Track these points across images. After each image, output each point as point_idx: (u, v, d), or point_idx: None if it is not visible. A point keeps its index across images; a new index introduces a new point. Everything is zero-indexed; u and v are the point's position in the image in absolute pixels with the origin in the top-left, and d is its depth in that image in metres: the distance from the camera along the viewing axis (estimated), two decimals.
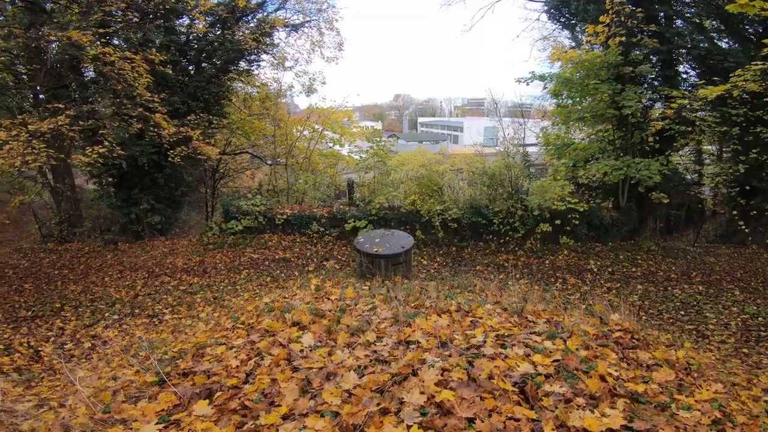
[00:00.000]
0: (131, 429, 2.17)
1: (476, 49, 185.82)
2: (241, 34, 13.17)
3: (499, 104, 17.62)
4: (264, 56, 15.11)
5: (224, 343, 3.02)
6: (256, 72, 15.50)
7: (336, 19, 16.26)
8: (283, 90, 17.04)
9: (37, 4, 10.89)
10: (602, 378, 2.33)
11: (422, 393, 2.01)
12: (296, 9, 15.66)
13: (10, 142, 6.93)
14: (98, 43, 9.62)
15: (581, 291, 9.60)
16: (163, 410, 2.27)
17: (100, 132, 10.18)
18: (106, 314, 8.79)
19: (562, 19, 14.95)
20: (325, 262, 11.33)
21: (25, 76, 12.93)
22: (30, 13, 10.82)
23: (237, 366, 2.58)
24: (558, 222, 11.40)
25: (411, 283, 7.38)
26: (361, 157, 13.84)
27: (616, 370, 2.47)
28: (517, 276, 10.18)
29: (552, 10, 14.91)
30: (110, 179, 12.10)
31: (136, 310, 9.04)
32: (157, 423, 2.10)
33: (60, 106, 8.52)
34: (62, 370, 5.96)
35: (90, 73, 12.24)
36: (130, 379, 3.22)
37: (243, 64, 14.53)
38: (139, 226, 12.80)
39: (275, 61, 16.10)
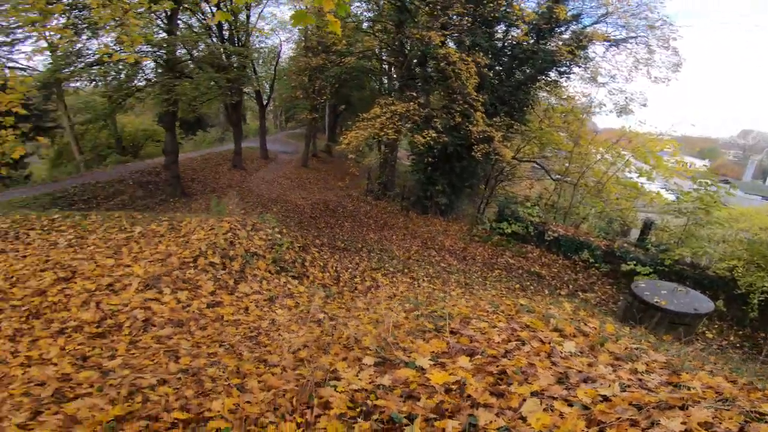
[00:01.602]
0: (409, 356, 2.80)
1: None
2: (554, 44, 13.09)
3: None
4: (575, 69, 14.56)
5: (487, 322, 3.38)
6: (564, 84, 15.16)
7: (674, 37, 13.85)
8: (591, 106, 15.98)
9: (403, 2, 13.56)
10: None
11: (683, 423, 1.79)
12: (619, 24, 14.22)
13: (381, 117, 9.70)
14: (438, 43, 11.53)
15: None
16: (433, 352, 2.81)
17: (433, 120, 12.29)
18: (386, 264, 10.84)
19: None
20: (580, 292, 10.39)
21: (385, 66, 16.98)
22: (398, 12, 13.79)
23: (498, 342, 2.88)
24: None
25: (685, 348, 5.88)
26: (677, 197, 11.54)
27: None
28: None
29: None
30: (430, 159, 14.23)
31: (405, 270, 10.77)
32: (429, 359, 2.63)
33: (413, 94, 11.00)
34: (348, 297, 7.84)
35: (428, 69, 14.79)
36: (401, 321, 4.05)
37: (552, 75, 14.46)
38: (429, 202, 15.15)
39: (587, 75, 15.24)
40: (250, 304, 5.89)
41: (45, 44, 13.23)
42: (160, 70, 15.25)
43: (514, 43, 13.98)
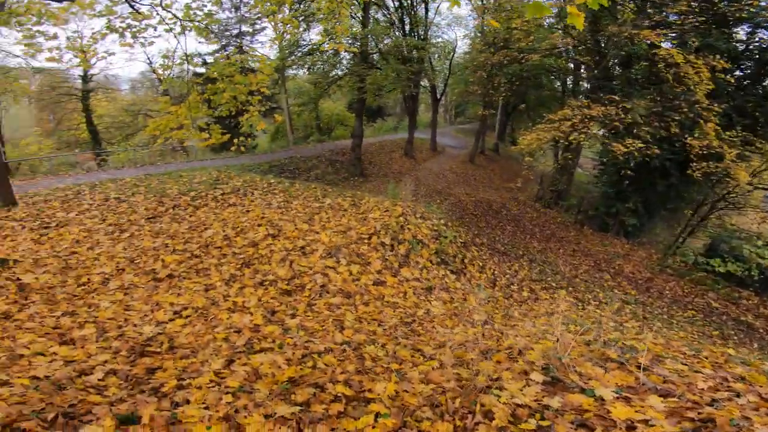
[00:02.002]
0: (586, 383, 2.49)
1: None
2: None
3: None
4: None
5: (686, 365, 2.82)
6: None
7: None
8: None
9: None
10: None
11: None
12: None
13: (571, 120, 8.86)
14: (657, 42, 9.71)
15: None
16: (616, 384, 2.45)
17: (639, 127, 10.53)
18: (548, 278, 9.94)
19: None
20: None
21: (571, 65, 15.18)
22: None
23: (702, 389, 2.42)
24: None
25: None
26: None
27: None
28: None
29: None
30: (629, 172, 12.07)
31: (570, 288, 9.69)
32: (612, 391, 2.30)
33: (614, 97, 9.65)
34: (502, 303, 7.42)
35: (632, 71, 12.62)
36: (570, 342, 3.63)
37: None
38: (612, 220, 13.23)
39: None
40: (409, 289, 6.09)
41: (275, 35, 16.41)
42: (353, 61, 17.19)
43: (764, 46, 11.05)
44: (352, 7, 15.24)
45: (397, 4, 17.65)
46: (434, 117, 25.64)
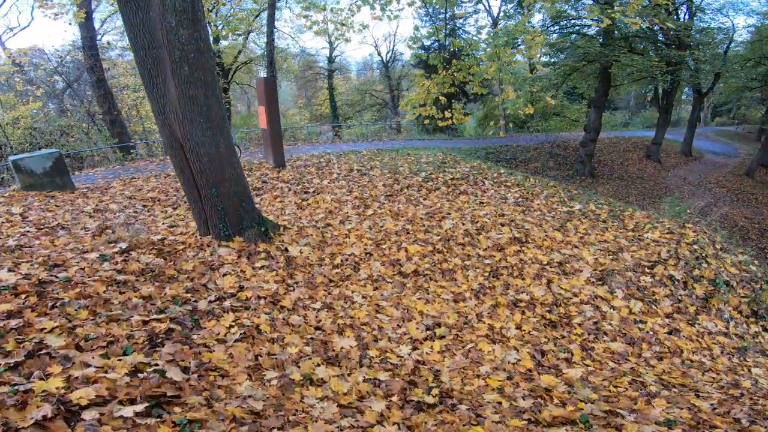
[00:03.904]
0: None
1: None
2: None
3: None
4: None
5: None
6: None
7: None
8: None
9: None
10: None
11: None
12: None
13: None
14: None
15: None
16: None
17: None
18: None
19: None
20: None
21: None
22: None
23: None
24: None
25: None
26: None
27: None
28: None
29: None
30: None
31: None
32: None
33: None
34: None
35: None
36: None
37: None
38: None
39: None
40: (714, 346, 4.29)
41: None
42: (591, 43, 14.24)
43: None
44: None
45: None
46: (694, 116, 20.21)
